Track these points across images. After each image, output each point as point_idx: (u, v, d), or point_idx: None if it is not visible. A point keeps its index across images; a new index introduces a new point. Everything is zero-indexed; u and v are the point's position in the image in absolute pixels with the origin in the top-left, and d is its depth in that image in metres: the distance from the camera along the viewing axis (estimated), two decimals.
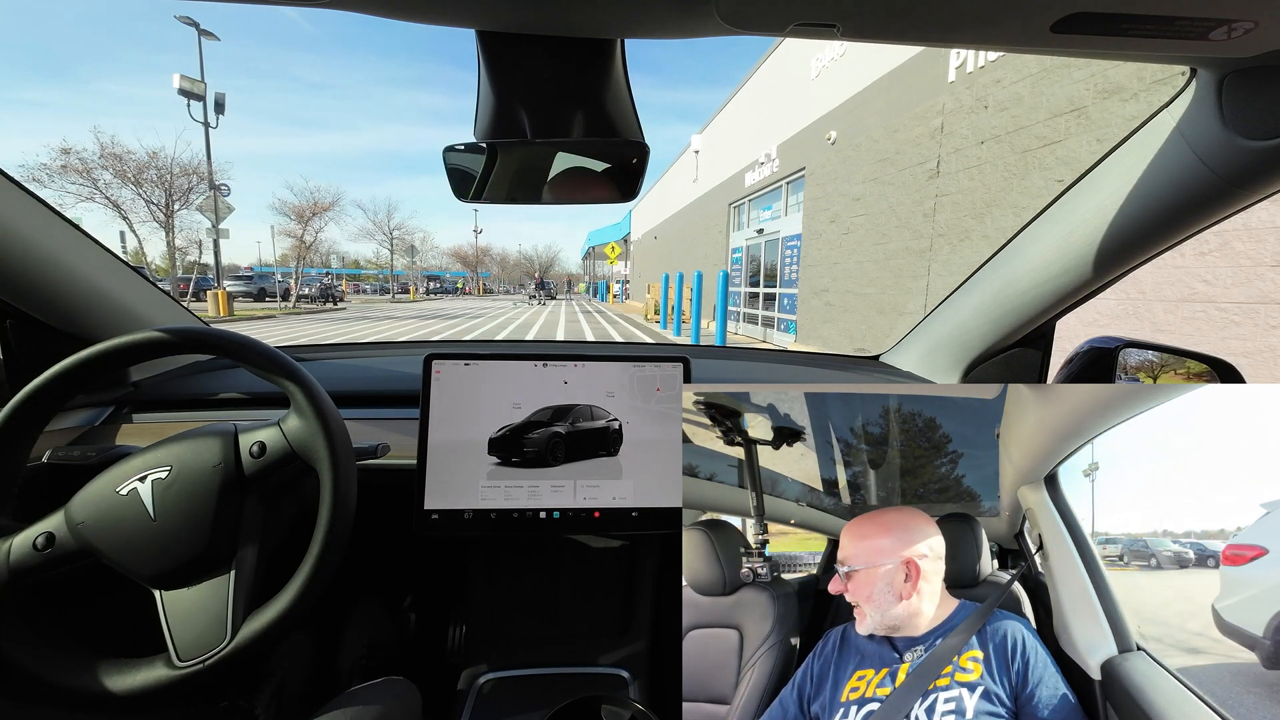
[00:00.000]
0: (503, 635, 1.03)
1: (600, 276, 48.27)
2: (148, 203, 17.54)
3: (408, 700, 0.67)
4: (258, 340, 0.64)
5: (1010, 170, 4.69)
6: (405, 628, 1.17)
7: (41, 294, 0.77)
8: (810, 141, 8.57)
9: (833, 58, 7.90)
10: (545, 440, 0.80)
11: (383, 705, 0.63)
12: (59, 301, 0.79)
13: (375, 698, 0.64)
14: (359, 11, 0.45)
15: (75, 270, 0.79)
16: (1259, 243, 3.00)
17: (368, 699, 0.64)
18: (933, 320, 1.06)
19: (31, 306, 0.78)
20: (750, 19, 0.43)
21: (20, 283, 0.74)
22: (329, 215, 26.60)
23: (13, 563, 0.57)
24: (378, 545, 1.07)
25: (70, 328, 0.82)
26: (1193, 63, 0.53)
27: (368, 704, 0.63)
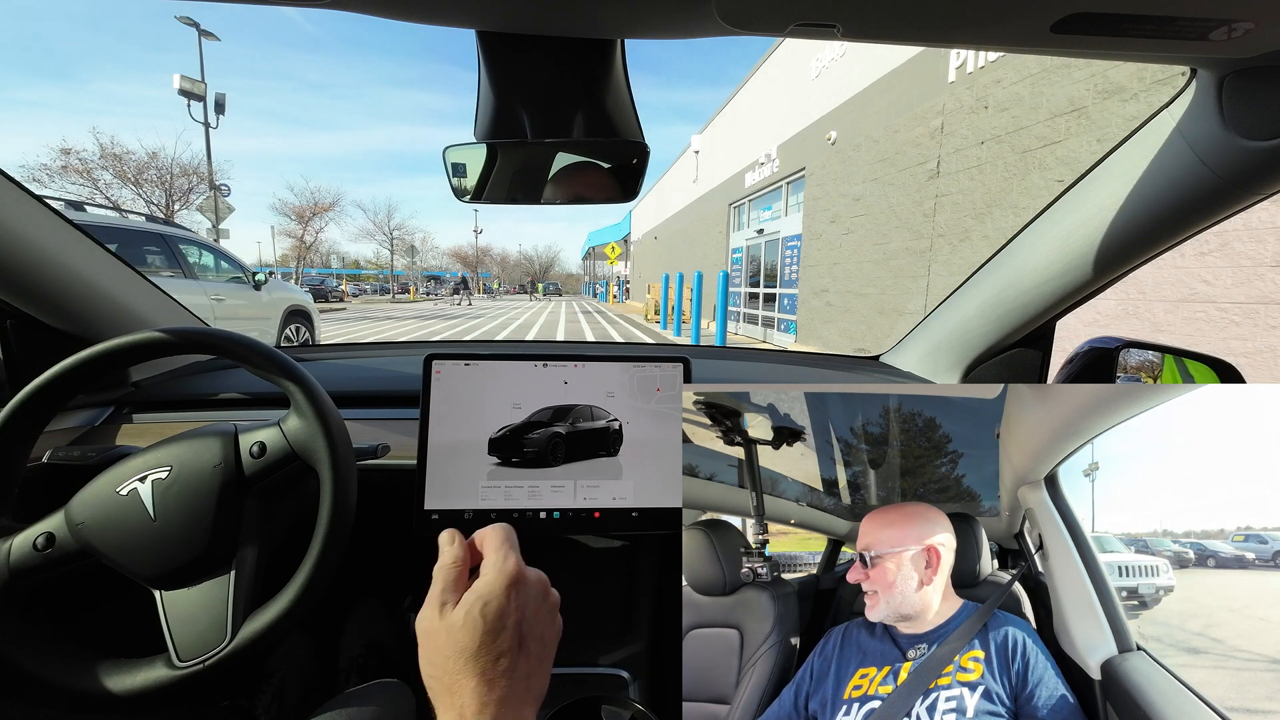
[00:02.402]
0: None
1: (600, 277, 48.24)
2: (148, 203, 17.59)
3: (402, 703, 0.67)
4: (257, 340, 0.64)
5: (1010, 170, 4.69)
6: (405, 628, 1.17)
7: (41, 294, 0.77)
8: (810, 142, 8.57)
9: (833, 58, 7.90)
10: (545, 440, 0.80)
11: (377, 707, 0.63)
12: (59, 301, 0.79)
13: (369, 700, 0.64)
14: (359, 11, 0.45)
15: (75, 270, 0.79)
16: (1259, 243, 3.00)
17: (362, 701, 0.64)
18: (933, 320, 1.06)
19: (32, 306, 0.78)
20: (750, 19, 0.43)
21: (20, 283, 0.74)
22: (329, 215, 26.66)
23: (13, 563, 0.57)
24: (378, 545, 1.07)
25: (70, 328, 0.82)
26: (1193, 63, 0.53)
27: (362, 705, 0.63)
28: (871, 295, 6.89)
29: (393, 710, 0.65)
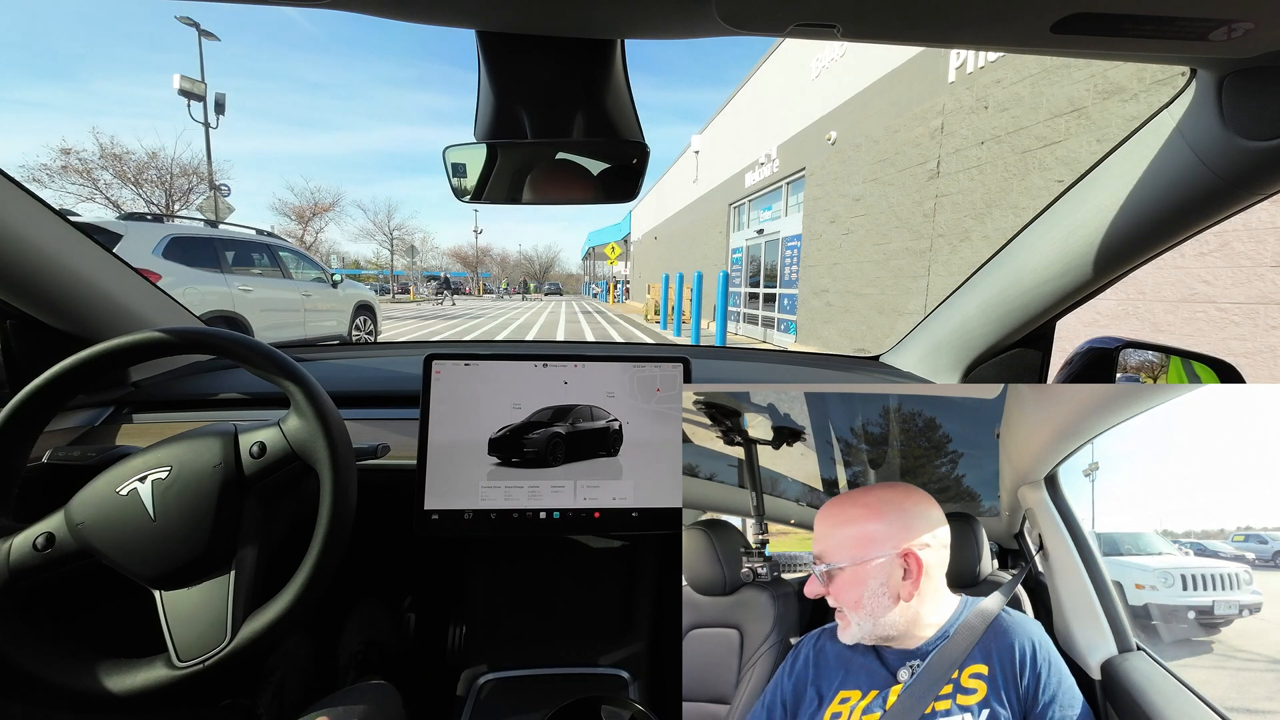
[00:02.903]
0: (502, 636, 1.03)
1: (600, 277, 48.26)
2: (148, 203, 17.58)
3: (387, 706, 0.67)
4: (258, 340, 0.64)
5: (1010, 171, 4.69)
6: (405, 628, 1.17)
7: (41, 294, 0.77)
8: (810, 142, 8.57)
9: (833, 58, 7.90)
10: (545, 440, 0.80)
11: (365, 707, 0.63)
12: (59, 301, 0.79)
13: (357, 700, 0.64)
14: (359, 11, 0.45)
15: (75, 270, 0.79)
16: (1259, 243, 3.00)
17: (349, 701, 0.64)
18: (933, 320, 1.06)
19: (32, 306, 0.78)
20: (750, 19, 0.43)
21: (20, 283, 0.74)
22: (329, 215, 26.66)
23: (13, 563, 0.57)
24: (378, 545, 1.07)
25: (70, 328, 0.82)
26: (1193, 63, 0.53)
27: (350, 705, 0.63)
28: (871, 295, 6.89)
29: (379, 712, 0.65)
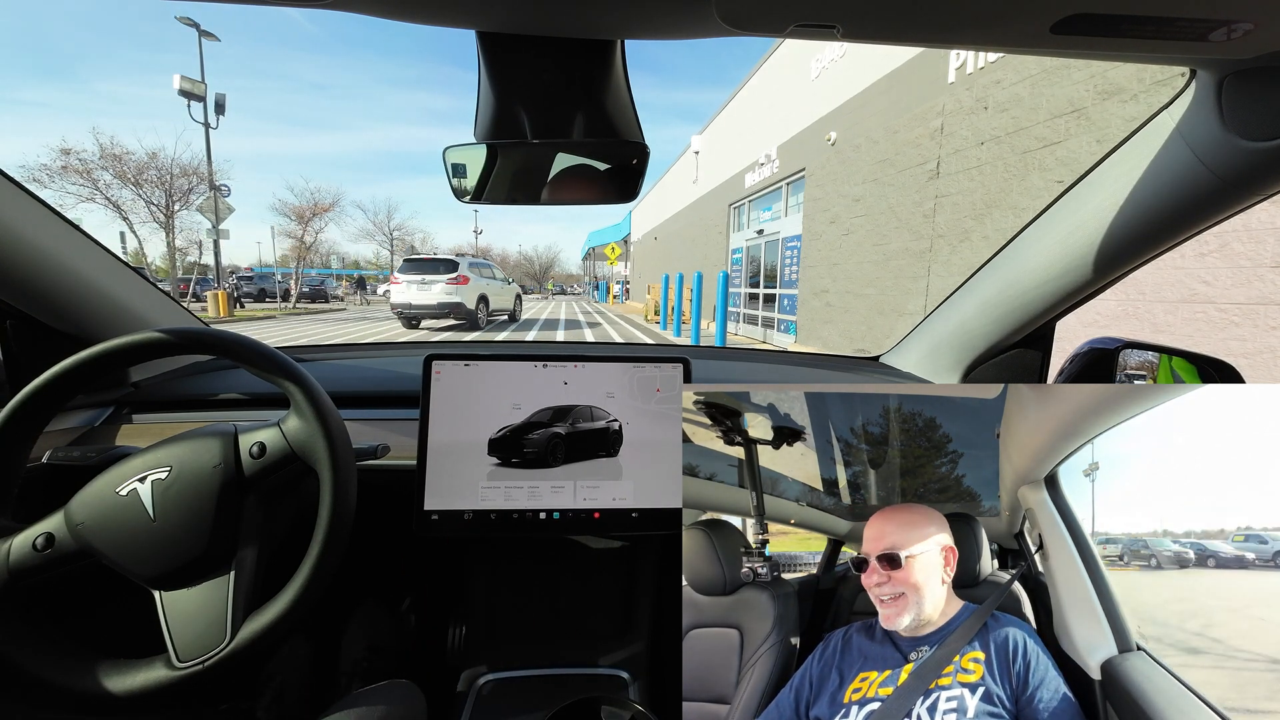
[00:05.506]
0: (502, 636, 1.02)
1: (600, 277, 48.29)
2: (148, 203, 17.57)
3: (412, 703, 0.67)
4: (258, 341, 0.64)
5: (1010, 171, 4.69)
6: (405, 629, 1.17)
7: (42, 294, 0.77)
8: (810, 142, 8.57)
9: (833, 58, 7.90)
10: (545, 441, 0.80)
11: (387, 707, 0.63)
12: (59, 302, 0.79)
13: (380, 700, 0.64)
14: (359, 12, 0.45)
15: (75, 270, 0.79)
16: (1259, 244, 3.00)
17: (372, 701, 0.64)
18: (933, 321, 1.06)
19: (32, 307, 0.78)
20: (750, 20, 0.43)
21: (20, 283, 0.74)
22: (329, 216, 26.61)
23: (12, 563, 0.57)
24: (377, 546, 1.07)
25: (70, 328, 0.82)
26: (1192, 64, 0.54)
27: (372, 705, 0.63)
28: (871, 296, 6.89)
29: (404, 710, 0.65)
